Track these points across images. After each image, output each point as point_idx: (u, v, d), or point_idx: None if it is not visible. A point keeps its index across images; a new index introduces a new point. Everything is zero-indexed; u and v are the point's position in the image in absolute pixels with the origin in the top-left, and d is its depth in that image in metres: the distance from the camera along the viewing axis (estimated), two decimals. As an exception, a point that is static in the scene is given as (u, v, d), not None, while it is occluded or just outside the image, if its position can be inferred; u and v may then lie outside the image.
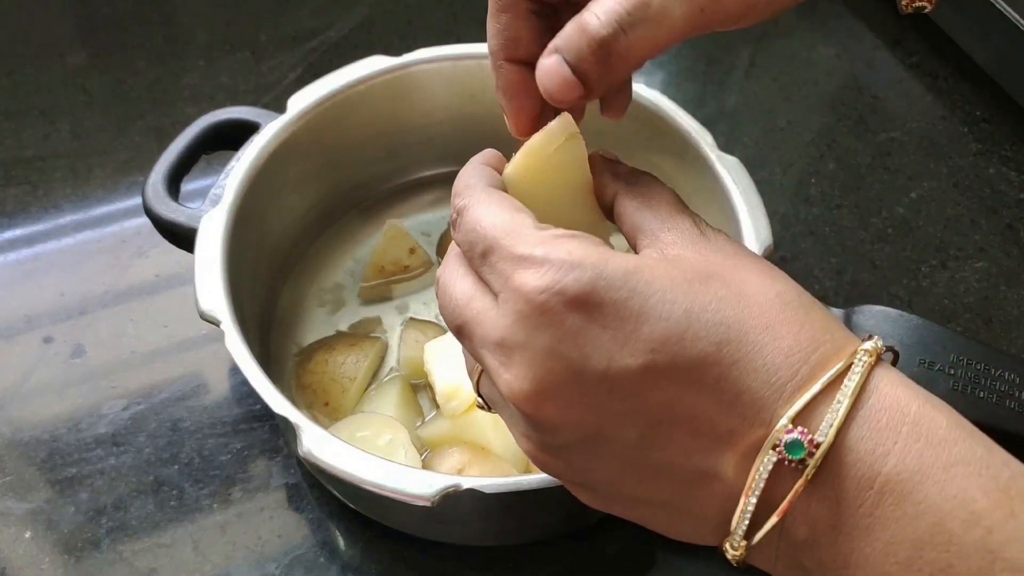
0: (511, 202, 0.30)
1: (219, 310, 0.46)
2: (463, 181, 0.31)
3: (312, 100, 0.55)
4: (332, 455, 0.41)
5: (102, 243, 0.63)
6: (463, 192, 0.30)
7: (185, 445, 0.53)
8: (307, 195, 0.59)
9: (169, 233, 0.51)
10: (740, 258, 0.29)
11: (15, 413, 0.55)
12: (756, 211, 0.51)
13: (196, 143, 0.54)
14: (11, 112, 0.70)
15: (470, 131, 0.62)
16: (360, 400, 0.53)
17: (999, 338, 0.61)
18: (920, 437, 0.25)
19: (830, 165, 0.70)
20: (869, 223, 0.67)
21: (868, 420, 0.26)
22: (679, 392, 0.26)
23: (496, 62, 0.32)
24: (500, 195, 0.30)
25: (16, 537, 0.50)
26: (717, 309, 0.27)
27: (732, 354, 0.26)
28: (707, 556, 0.51)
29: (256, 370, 0.44)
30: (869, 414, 0.26)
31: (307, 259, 0.60)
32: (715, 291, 0.27)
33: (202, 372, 0.57)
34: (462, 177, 0.31)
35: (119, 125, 0.70)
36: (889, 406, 0.26)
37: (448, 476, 0.41)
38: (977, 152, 0.71)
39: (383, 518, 0.50)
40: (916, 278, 0.64)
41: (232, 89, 0.73)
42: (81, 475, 0.52)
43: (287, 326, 0.57)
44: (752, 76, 0.77)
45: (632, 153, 0.59)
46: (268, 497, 0.52)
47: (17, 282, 0.61)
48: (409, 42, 0.58)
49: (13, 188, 0.66)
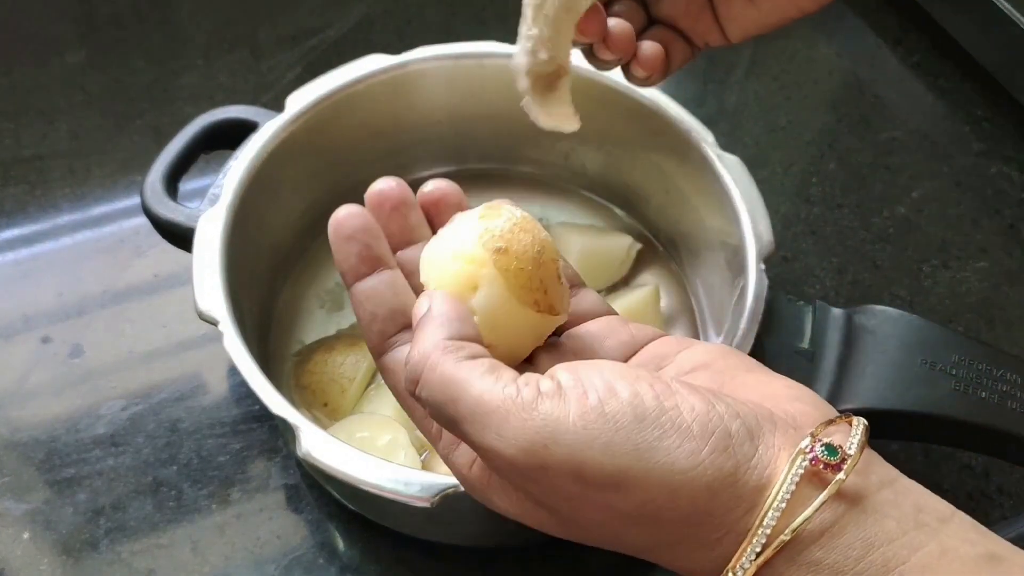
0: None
1: (217, 310, 0.46)
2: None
3: (311, 99, 0.55)
4: (331, 456, 0.41)
5: (100, 243, 0.63)
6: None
7: (184, 446, 0.53)
8: (306, 194, 0.58)
9: (168, 233, 0.51)
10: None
11: (13, 413, 0.55)
12: (757, 210, 0.51)
13: (195, 142, 0.53)
14: (9, 112, 0.70)
15: (469, 130, 0.61)
16: (359, 400, 0.53)
17: (1001, 338, 0.61)
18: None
19: (831, 164, 0.70)
20: (870, 223, 0.66)
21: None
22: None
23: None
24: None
25: (14, 538, 0.50)
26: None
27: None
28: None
29: (255, 370, 0.44)
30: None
31: (306, 259, 0.60)
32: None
33: (201, 372, 0.57)
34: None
35: (117, 125, 0.70)
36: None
37: (448, 477, 0.41)
38: (979, 152, 0.71)
39: (382, 519, 0.50)
40: (917, 278, 0.64)
41: (231, 88, 0.72)
42: (79, 476, 0.52)
43: (286, 326, 0.57)
44: (753, 75, 0.77)
45: (633, 152, 0.59)
46: (267, 498, 0.52)
47: (15, 282, 0.61)
48: (408, 41, 0.58)
49: (11, 188, 0.65)
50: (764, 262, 0.49)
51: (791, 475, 0.26)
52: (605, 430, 0.26)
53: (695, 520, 0.27)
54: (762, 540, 0.26)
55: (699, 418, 0.27)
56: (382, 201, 0.34)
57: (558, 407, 0.27)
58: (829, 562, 0.26)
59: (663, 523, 0.27)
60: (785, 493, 0.26)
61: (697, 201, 0.56)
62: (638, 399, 0.27)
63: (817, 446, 0.27)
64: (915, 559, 0.25)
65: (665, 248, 0.61)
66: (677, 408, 0.27)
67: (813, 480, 0.26)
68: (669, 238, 0.61)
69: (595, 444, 0.26)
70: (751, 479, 0.26)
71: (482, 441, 0.27)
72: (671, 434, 0.26)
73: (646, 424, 0.26)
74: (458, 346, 0.29)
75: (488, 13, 0.79)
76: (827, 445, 0.27)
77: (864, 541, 0.26)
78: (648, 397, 0.27)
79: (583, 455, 0.26)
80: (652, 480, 0.26)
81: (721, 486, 0.26)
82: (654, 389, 0.27)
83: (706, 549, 0.27)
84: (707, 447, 0.26)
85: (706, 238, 0.56)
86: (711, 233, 0.55)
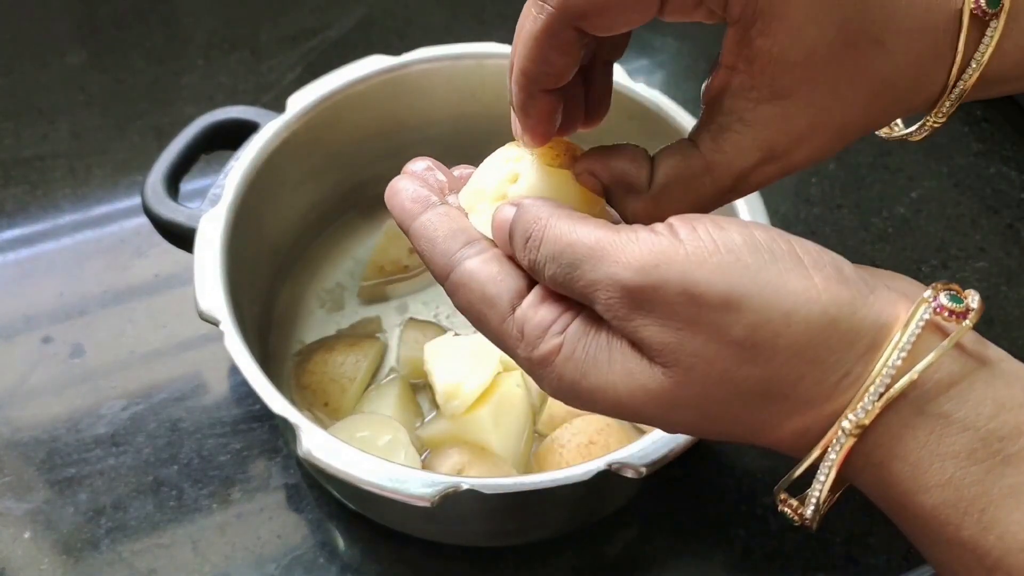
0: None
1: (218, 310, 0.46)
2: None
3: (311, 100, 0.55)
4: (331, 455, 0.41)
5: (101, 243, 0.63)
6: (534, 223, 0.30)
7: (184, 445, 0.53)
8: (306, 195, 0.58)
9: (168, 233, 0.51)
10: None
11: (14, 413, 0.55)
12: (757, 211, 0.51)
13: (195, 143, 0.53)
14: (10, 112, 0.70)
15: (469, 130, 0.61)
16: (360, 400, 0.53)
17: (1000, 338, 0.60)
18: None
19: (830, 165, 0.70)
20: (870, 223, 0.67)
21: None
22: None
23: (530, 89, 0.32)
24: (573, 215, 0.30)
25: (15, 537, 0.50)
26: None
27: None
28: (708, 556, 0.51)
29: (255, 370, 0.44)
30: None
31: (307, 259, 0.60)
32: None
33: (201, 372, 0.57)
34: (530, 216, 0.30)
35: (118, 125, 0.70)
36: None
37: (448, 476, 0.41)
38: (978, 152, 0.71)
39: (383, 518, 0.50)
40: (917, 278, 0.63)
41: (231, 89, 0.73)
42: (80, 475, 0.52)
43: (286, 326, 0.57)
44: (752, 76, 0.77)
45: (632, 153, 0.60)
46: (267, 497, 0.52)
47: (16, 282, 0.61)
48: (408, 41, 0.58)
49: (12, 188, 0.65)
50: (764, 262, 0.49)
51: (916, 319, 0.26)
52: (716, 252, 0.26)
53: (812, 354, 0.26)
54: (887, 380, 0.25)
55: (811, 254, 0.27)
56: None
57: (672, 238, 0.27)
58: (960, 416, 0.25)
59: (779, 356, 0.26)
60: (911, 335, 0.25)
61: (697, 201, 0.56)
62: (749, 235, 0.27)
63: (941, 295, 0.26)
64: None
65: (665, 248, 0.61)
66: (790, 242, 0.27)
67: (937, 332, 0.26)
68: (669, 238, 0.61)
69: (706, 264, 0.26)
70: (870, 315, 0.26)
71: (597, 274, 0.27)
72: (783, 259, 0.26)
73: (758, 251, 0.26)
74: (565, 211, 0.29)
75: (488, 13, 0.80)
76: (952, 293, 0.26)
77: (995, 401, 0.25)
78: (760, 233, 0.27)
79: (695, 274, 0.26)
80: (765, 297, 0.26)
81: (839, 313, 0.26)
82: (767, 232, 0.27)
83: (823, 399, 0.26)
84: (820, 275, 0.26)
85: (706, 238, 0.56)
86: (711, 233, 0.55)
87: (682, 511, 0.52)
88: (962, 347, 0.26)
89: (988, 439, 0.25)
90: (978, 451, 0.25)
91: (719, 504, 0.52)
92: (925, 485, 0.26)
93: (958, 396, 0.25)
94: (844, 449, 0.26)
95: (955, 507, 0.25)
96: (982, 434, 0.25)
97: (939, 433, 0.25)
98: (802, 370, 0.26)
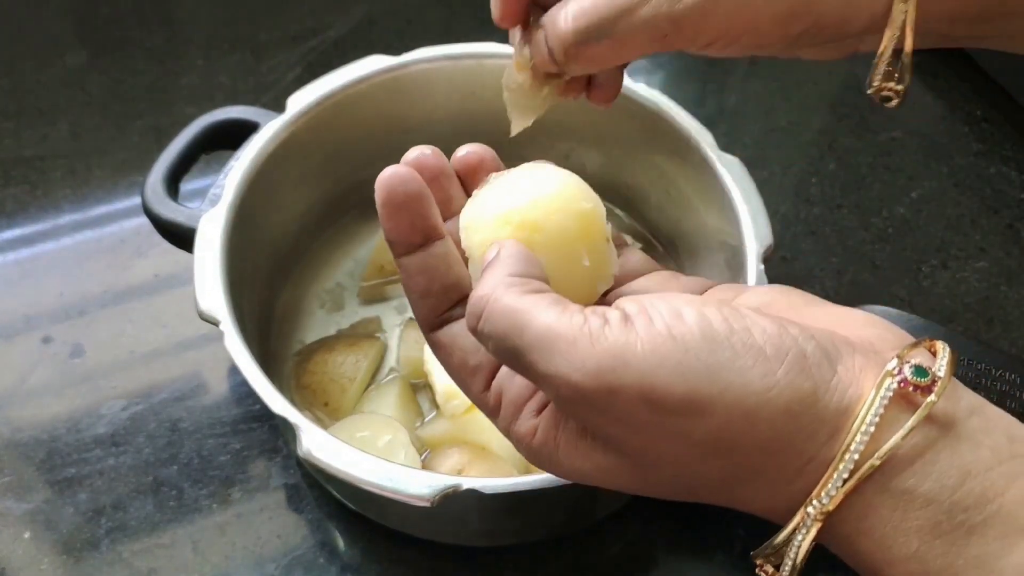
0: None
1: (218, 310, 0.46)
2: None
3: (311, 100, 0.55)
4: (331, 455, 0.41)
5: (101, 243, 0.63)
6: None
7: (184, 445, 0.53)
8: (307, 195, 0.58)
9: (168, 233, 0.51)
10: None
11: (14, 413, 0.55)
12: (756, 211, 0.51)
13: (195, 143, 0.53)
14: (10, 112, 0.70)
15: (470, 130, 0.61)
16: (360, 400, 0.53)
17: (1000, 338, 0.61)
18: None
19: (830, 165, 0.70)
20: (870, 223, 0.66)
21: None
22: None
23: None
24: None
25: (15, 537, 0.50)
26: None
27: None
28: (708, 556, 0.51)
29: (255, 370, 0.44)
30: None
31: (307, 259, 0.60)
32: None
33: (201, 372, 0.57)
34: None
35: (118, 125, 0.70)
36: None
37: (448, 476, 0.41)
38: (978, 152, 0.71)
39: (383, 518, 0.50)
40: (917, 278, 0.64)
41: (231, 89, 0.73)
42: (80, 475, 0.52)
43: (286, 326, 0.57)
44: (752, 75, 0.77)
45: (632, 153, 0.60)
46: (267, 497, 0.52)
47: (16, 282, 0.61)
48: (408, 41, 0.58)
49: (12, 188, 0.65)
50: (764, 262, 0.49)
51: (879, 397, 0.25)
52: (674, 351, 0.25)
53: (775, 447, 0.25)
54: (849, 466, 0.25)
55: (771, 339, 0.25)
56: (420, 170, 0.31)
57: (626, 333, 0.26)
58: (923, 491, 0.25)
59: (741, 451, 0.26)
60: (874, 416, 0.25)
61: (697, 201, 0.56)
62: (706, 322, 0.26)
63: (906, 367, 0.25)
64: (1014, 490, 0.24)
65: (665, 248, 0.61)
66: (748, 330, 0.26)
67: (901, 403, 0.25)
68: (669, 238, 0.61)
69: (665, 365, 0.25)
70: (832, 402, 0.25)
71: (548, 369, 0.26)
72: (743, 355, 0.25)
73: (716, 345, 0.25)
74: (522, 281, 0.28)
75: (488, 13, 0.79)
76: (916, 366, 0.25)
77: (960, 469, 0.25)
78: (716, 320, 0.26)
79: (653, 377, 0.25)
80: (727, 402, 0.25)
81: (801, 408, 0.25)
82: (722, 313, 0.26)
83: (786, 482, 0.26)
84: (782, 368, 0.25)
85: (706, 238, 0.56)
86: (711, 233, 0.55)
87: (681, 511, 0.52)
88: (929, 415, 0.25)
89: (952, 511, 0.24)
90: (942, 523, 0.25)
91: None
92: (891, 559, 0.25)
93: (922, 470, 0.25)
94: (811, 532, 0.26)
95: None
96: (946, 507, 0.25)
97: (903, 509, 0.25)
98: (765, 461, 0.26)
